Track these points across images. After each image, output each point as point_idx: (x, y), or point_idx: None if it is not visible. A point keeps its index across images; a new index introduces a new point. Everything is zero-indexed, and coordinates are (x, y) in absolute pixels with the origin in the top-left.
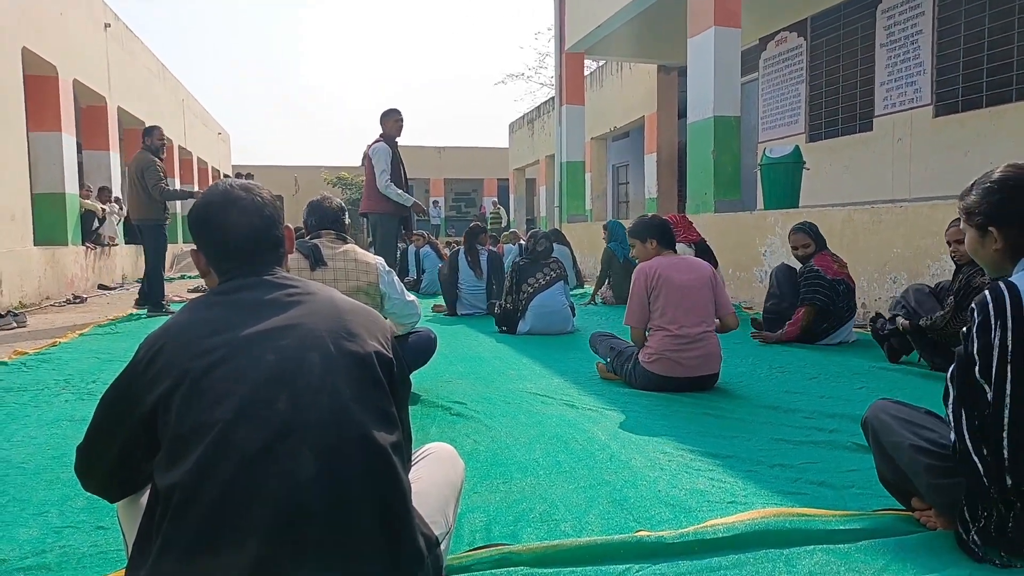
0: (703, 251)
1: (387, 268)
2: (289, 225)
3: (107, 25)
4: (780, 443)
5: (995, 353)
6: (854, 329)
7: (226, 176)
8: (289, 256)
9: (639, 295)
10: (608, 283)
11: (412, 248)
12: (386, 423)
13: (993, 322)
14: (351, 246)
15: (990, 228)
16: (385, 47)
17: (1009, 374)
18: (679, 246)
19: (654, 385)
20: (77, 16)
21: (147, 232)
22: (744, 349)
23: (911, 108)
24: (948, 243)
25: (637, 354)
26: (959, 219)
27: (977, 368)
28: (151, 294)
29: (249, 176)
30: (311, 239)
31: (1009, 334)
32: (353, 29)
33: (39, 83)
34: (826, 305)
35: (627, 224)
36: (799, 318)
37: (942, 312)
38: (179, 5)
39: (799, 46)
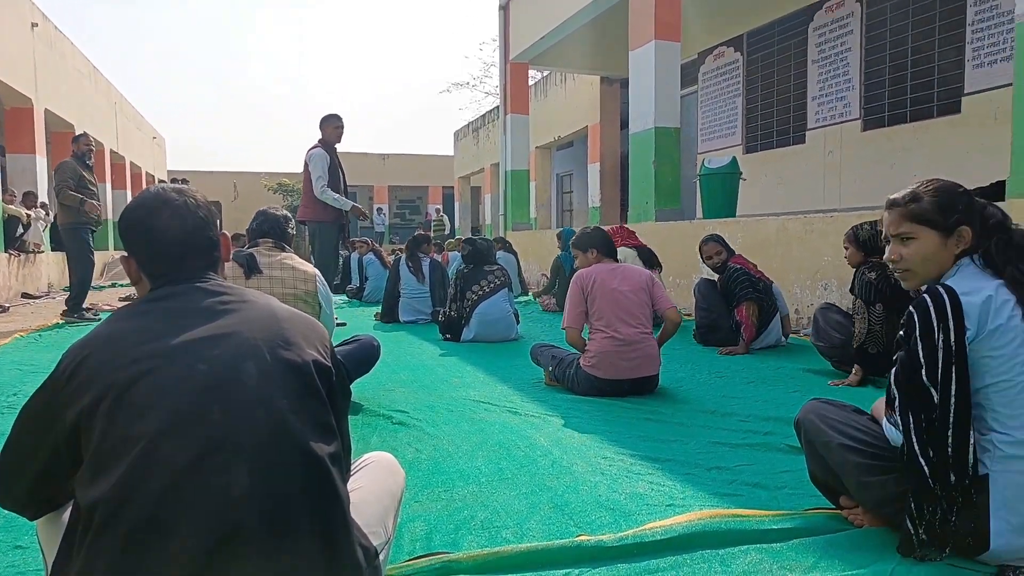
0: (647, 256)
1: (323, 281)
2: (225, 232)
3: (34, 25)
4: (717, 446)
5: (939, 356)
6: (790, 335)
7: (161, 181)
8: (225, 264)
9: (575, 297)
10: (553, 291)
11: (355, 255)
12: (324, 434)
13: (936, 325)
14: (288, 254)
15: (963, 227)
16: (330, 51)
17: (953, 375)
18: (625, 249)
19: (595, 389)
20: (2, 15)
21: (66, 236)
22: (684, 354)
23: (841, 122)
24: (707, 257)
25: (578, 359)
26: (716, 238)
27: (924, 372)
28: (70, 298)
29: (184, 181)
30: (248, 248)
31: (952, 336)
32: (296, 32)
33: None
34: (760, 298)
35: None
36: (745, 316)
37: (859, 316)
38: (113, 4)
39: (736, 60)
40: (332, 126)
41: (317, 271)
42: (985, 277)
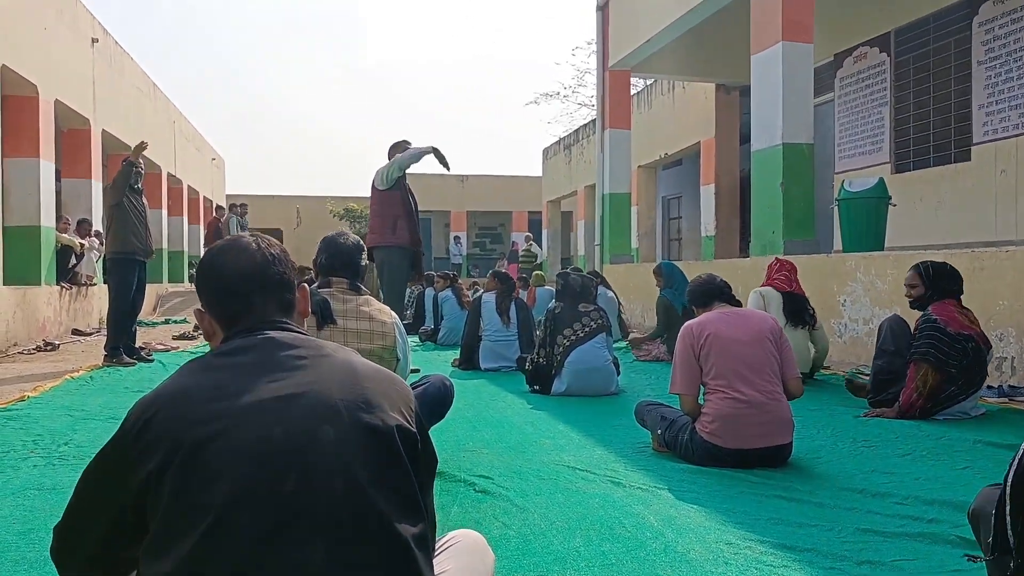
0: (795, 308)
1: (402, 328)
2: (304, 285)
3: (94, 40)
4: (868, 534)
5: None
6: (980, 401)
7: (219, 207)
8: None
9: (685, 356)
10: (661, 336)
11: (430, 292)
12: (408, 511)
13: None
14: (365, 298)
15: None
16: (399, 60)
17: None
18: (768, 291)
19: (715, 459)
20: (62, 31)
21: (110, 267)
22: (820, 417)
23: (1016, 135)
24: (906, 286)
25: (693, 423)
26: (918, 268)
27: None
28: (108, 339)
29: (243, 207)
30: (320, 287)
31: None
32: (363, 48)
33: (17, 104)
34: (942, 364)
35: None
36: (911, 378)
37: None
38: (173, 16)
39: (881, 63)
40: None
41: (396, 318)
42: None
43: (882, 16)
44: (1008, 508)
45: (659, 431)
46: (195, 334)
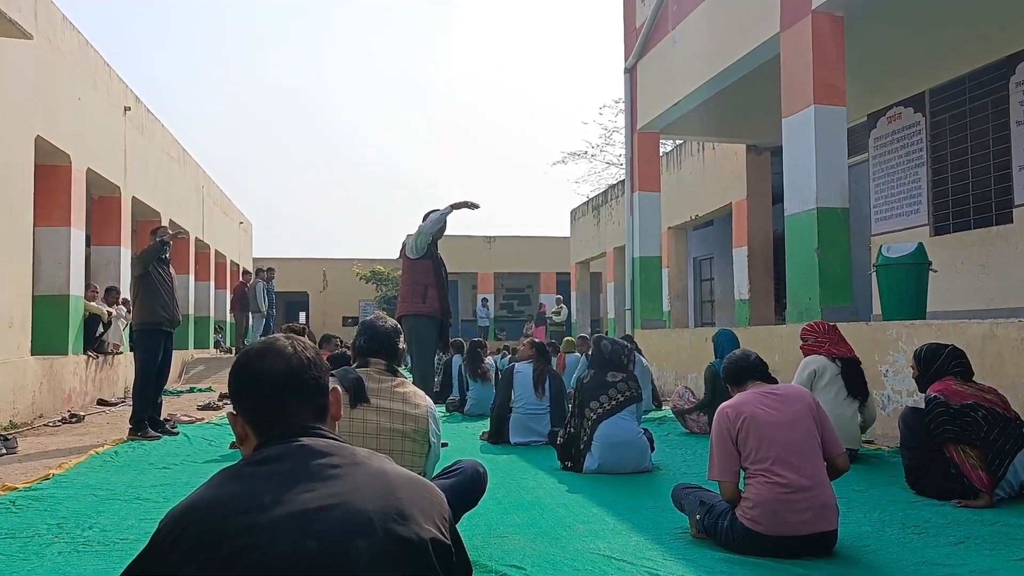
0: (852, 376)
1: (435, 412)
2: (337, 388)
3: (127, 109)
4: None
5: None
6: None
7: (246, 272)
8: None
9: (722, 442)
10: (706, 408)
11: (457, 359)
12: None
13: None
14: (401, 380)
15: None
16: (425, 122)
17: None
18: (822, 361)
19: (756, 547)
20: (95, 100)
21: (136, 337)
22: (866, 498)
23: None
24: None
25: (734, 509)
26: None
27: None
28: (133, 411)
29: (270, 270)
30: (357, 367)
31: None
32: (388, 108)
33: (50, 173)
34: (964, 437)
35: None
36: (960, 462)
37: None
38: (202, 81)
39: (917, 123)
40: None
41: (430, 402)
42: None
43: (916, 76)
44: None
45: (697, 516)
46: (219, 404)
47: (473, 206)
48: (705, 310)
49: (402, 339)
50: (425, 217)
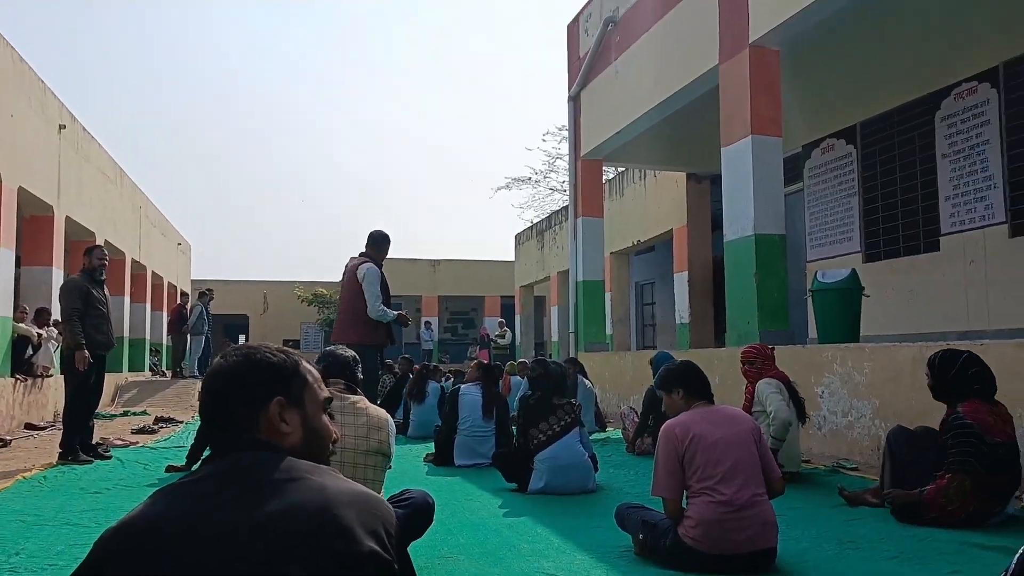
0: (796, 397)
1: (393, 427)
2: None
3: (62, 127)
4: None
5: None
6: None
7: (184, 293)
8: None
9: (668, 460)
10: (647, 432)
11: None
12: None
13: None
14: (360, 398)
15: None
16: (368, 143)
17: None
18: (770, 381)
19: (698, 565)
20: (28, 117)
21: (66, 361)
22: (803, 515)
23: (983, 226)
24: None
25: (676, 527)
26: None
27: None
28: (64, 436)
29: (208, 291)
30: None
31: None
32: (331, 127)
33: None
34: (975, 470)
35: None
36: (942, 486)
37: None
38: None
39: (849, 154)
40: (386, 248)
41: (389, 416)
42: None
43: (848, 109)
44: None
45: (640, 535)
46: (155, 427)
47: (407, 323)
48: (647, 333)
49: (360, 368)
50: (373, 240)
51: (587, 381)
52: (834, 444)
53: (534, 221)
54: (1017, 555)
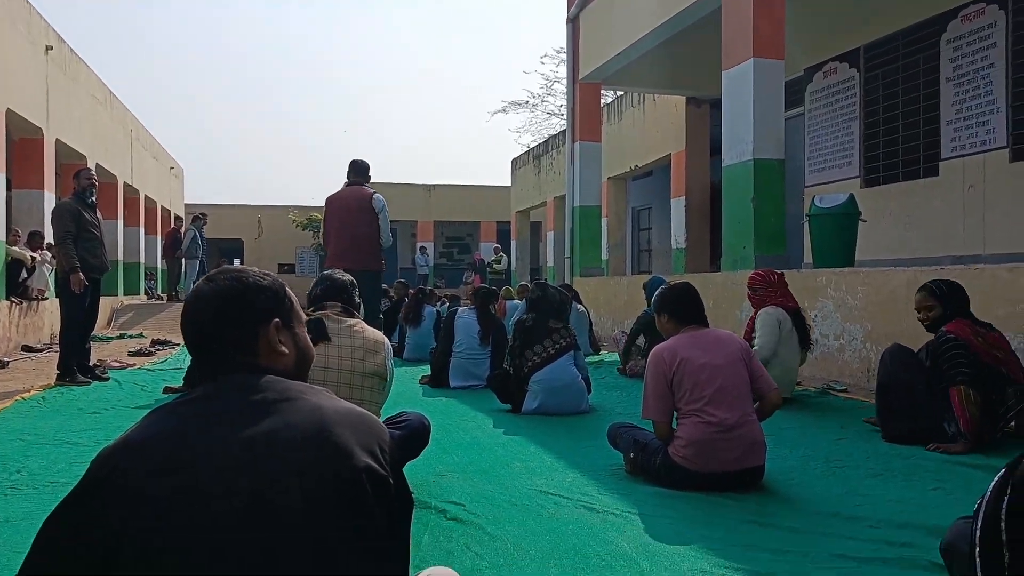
0: (801, 325)
1: (391, 349)
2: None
3: (48, 48)
4: (842, 560)
5: None
6: None
7: (177, 217)
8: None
9: (657, 383)
10: (640, 355)
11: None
12: (381, 559)
13: None
14: (357, 320)
15: None
16: (365, 71)
17: None
18: (779, 311)
19: (688, 482)
20: (14, 38)
21: (62, 283)
22: (793, 435)
23: (984, 151)
24: (917, 310)
25: (666, 447)
26: (930, 287)
27: None
28: (60, 358)
29: (202, 215)
30: (314, 310)
31: None
32: (326, 52)
33: None
34: (973, 379)
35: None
36: (957, 408)
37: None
38: (131, 24)
39: (851, 78)
40: (369, 179)
41: (387, 342)
42: None
43: (852, 32)
44: (979, 563)
45: (632, 454)
46: (151, 350)
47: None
48: (643, 259)
49: (357, 293)
50: (355, 167)
51: (580, 306)
52: (825, 367)
53: (531, 146)
54: (996, 477)
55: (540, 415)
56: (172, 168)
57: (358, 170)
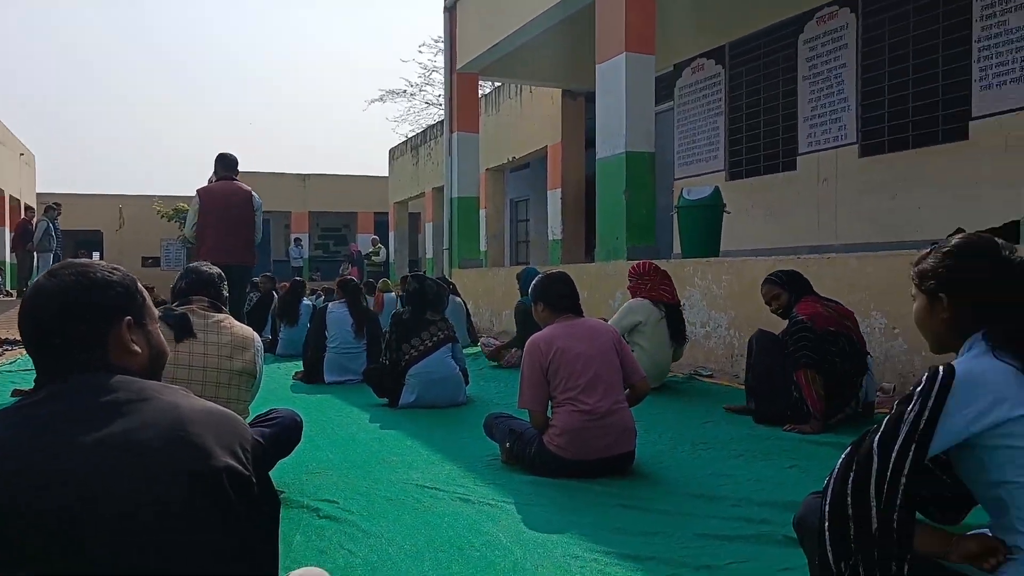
0: (677, 318)
1: (261, 345)
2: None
3: None
4: (706, 539)
5: (902, 428)
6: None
7: (28, 208)
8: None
9: (533, 372)
10: (518, 345)
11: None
12: (243, 561)
13: (916, 395)
14: (225, 315)
15: (940, 295)
16: (237, 54)
17: (911, 454)
18: (646, 305)
19: (562, 470)
20: None
21: None
22: (662, 420)
23: (836, 146)
24: (767, 303)
25: (541, 435)
26: (771, 278)
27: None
28: None
29: (56, 206)
30: (179, 306)
31: (926, 412)
32: (192, 35)
33: None
34: (816, 363)
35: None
36: (805, 388)
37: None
38: None
39: (717, 74)
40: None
41: (257, 338)
42: (992, 358)
43: (718, 29)
44: (828, 537)
45: (507, 444)
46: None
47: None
48: (521, 250)
49: (226, 287)
50: (231, 165)
51: (457, 298)
52: (692, 353)
53: (409, 136)
54: (843, 455)
55: (417, 408)
56: (22, 154)
57: (228, 165)
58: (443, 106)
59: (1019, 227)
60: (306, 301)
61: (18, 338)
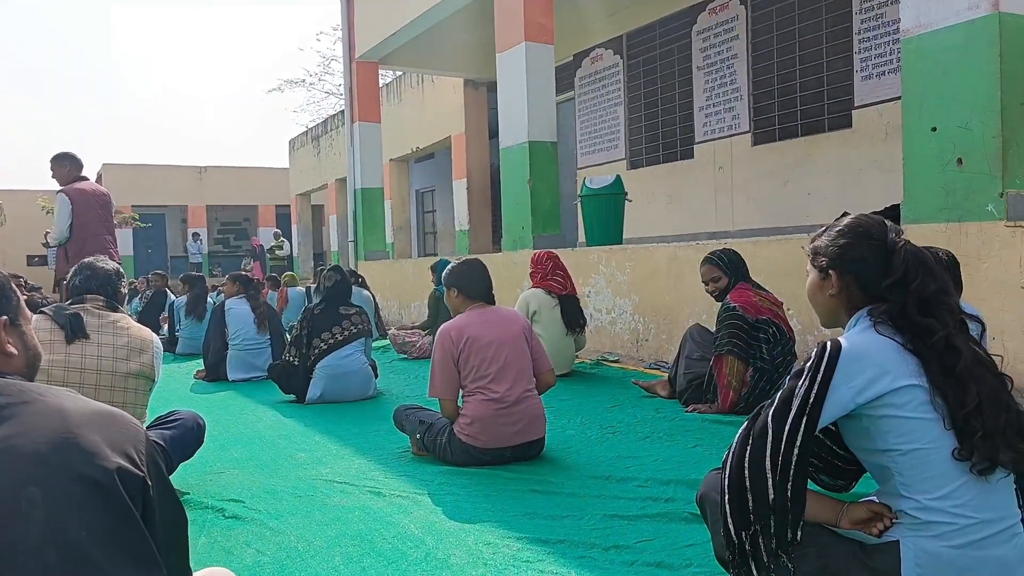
0: (572, 313)
1: (159, 347)
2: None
3: None
4: (614, 520)
5: (794, 402)
6: None
7: None
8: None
9: (444, 361)
10: (430, 330)
11: (173, 298)
12: (146, 567)
13: (807, 370)
14: (122, 315)
15: (830, 272)
16: (128, 42)
17: (802, 427)
18: (539, 294)
19: (473, 459)
20: None
21: None
22: (571, 406)
23: (730, 135)
24: (704, 283)
25: (452, 425)
26: (712, 258)
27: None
28: None
29: None
30: (72, 303)
31: (815, 387)
32: (88, 21)
33: None
34: (745, 354)
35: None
36: (720, 375)
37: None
38: None
39: (616, 64)
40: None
41: (156, 339)
42: (875, 333)
43: (615, 20)
44: (728, 509)
45: (418, 435)
46: None
47: None
48: (428, 241)
49: (125, 283)
50: (76, 162)
51: (365, 291)
52: (599, 339)
53: (309, 126)
54: (740, 431)
55: (325, 403)
56: None
57: (80, 165)
58: (343, 96)
59: (899, 210)
60: (209, 300)
61: None
